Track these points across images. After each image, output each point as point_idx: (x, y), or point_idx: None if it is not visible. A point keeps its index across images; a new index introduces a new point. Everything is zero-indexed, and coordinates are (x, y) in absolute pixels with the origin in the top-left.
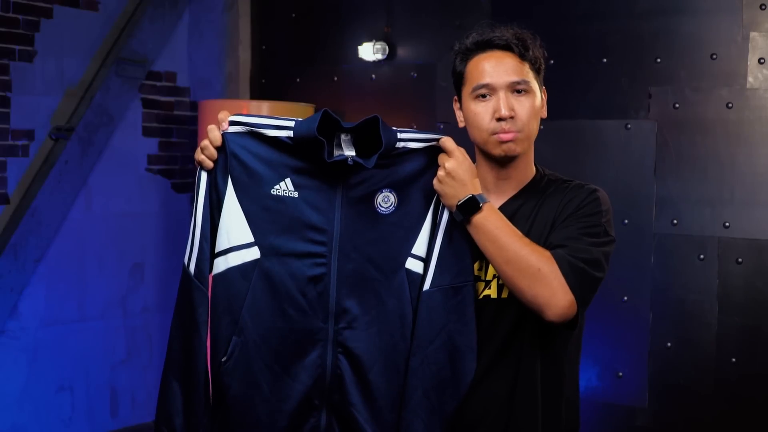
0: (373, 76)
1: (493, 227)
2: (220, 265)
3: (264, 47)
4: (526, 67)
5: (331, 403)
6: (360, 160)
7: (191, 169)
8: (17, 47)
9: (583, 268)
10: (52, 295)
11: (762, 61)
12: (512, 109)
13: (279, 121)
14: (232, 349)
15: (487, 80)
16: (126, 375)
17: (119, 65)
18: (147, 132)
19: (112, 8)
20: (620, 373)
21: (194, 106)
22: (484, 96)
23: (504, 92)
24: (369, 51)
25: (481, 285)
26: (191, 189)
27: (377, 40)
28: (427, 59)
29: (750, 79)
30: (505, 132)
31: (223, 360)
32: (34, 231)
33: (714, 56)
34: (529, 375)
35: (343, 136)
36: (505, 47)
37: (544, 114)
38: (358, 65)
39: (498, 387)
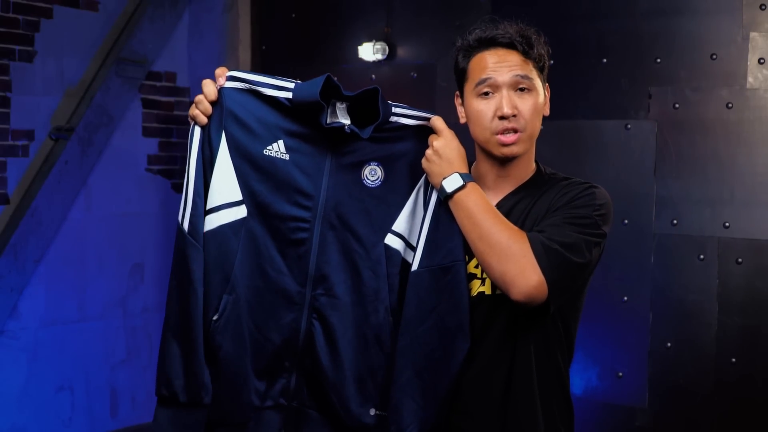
0: (373, 76)
1: (473, 204)
2: (213, 221)
3: (264, 47)
4: (530, 65)
5: (302, 366)
6: (356, 130)
7: None
8: (17, 47)
9: (556, 249)
10: (52, 295)
11: (762, 61)
12: (515, 107)
13: (278, 81)
14: (224, 307)
15: (490, 76)
16: (126, 375)
17: (119, 65)
18: (147, 132)
19: (112, 8)
20: (620, 373)
21: None
22: (486, 94)
23: (507, 90)
24: (369, 51)
25: (477, 282)
26: None
27: (377, 40)
28: (427, 59)
29: (750, 79)
30: (506, 134)
31: (214, 318)
32: (34, 231)
33: (714, 56)
34: (525, 371)
35: (338, 104)
36: (509, 45)
37: (547, 112)
38: (358, 65)
39: (494, 383)
